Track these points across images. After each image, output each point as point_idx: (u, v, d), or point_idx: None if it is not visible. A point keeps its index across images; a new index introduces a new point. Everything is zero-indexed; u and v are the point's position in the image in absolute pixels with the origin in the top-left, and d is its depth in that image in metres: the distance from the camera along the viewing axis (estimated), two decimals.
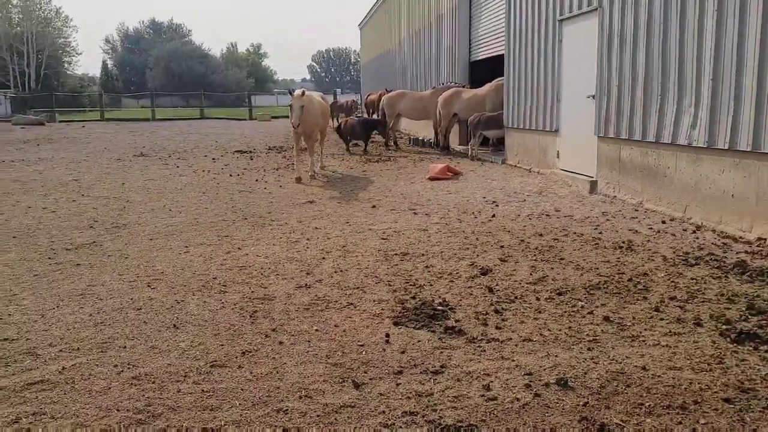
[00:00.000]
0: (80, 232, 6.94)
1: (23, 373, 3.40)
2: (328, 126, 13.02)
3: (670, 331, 3.83)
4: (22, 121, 32.66)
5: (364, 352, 3.62)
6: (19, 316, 4.27)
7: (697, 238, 6.19)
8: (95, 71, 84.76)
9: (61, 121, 36.47)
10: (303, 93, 10.49)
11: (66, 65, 65.00)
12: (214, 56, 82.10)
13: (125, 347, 3.73)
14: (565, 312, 4.21)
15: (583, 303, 4.37)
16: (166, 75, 70.88)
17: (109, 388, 3.21)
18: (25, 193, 9.81)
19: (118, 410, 2.98)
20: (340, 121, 17.17)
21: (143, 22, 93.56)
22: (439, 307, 4.32)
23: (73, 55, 66.91)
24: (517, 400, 3.02)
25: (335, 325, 4.05)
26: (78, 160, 14.66)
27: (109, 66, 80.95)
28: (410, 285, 4.87)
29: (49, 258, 5.85)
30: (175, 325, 4.08)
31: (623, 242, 6.04)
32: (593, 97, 9.09)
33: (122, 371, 3.40)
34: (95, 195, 9.56)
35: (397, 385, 3.20)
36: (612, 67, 8.57)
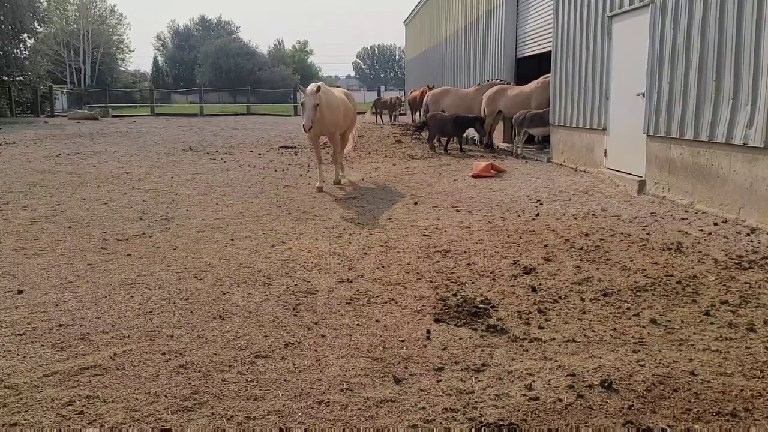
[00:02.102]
0: (131, 224, 7.17)
1: (77, 357, 3.54)
2: (355, 126, 11.55)
3: (721, 336, 3.72)
4: (78, 116, 33.95)
5: (405, 348, 3.63)
6: (73, 303, 4.45)
7: (752, 241, 5.97)
8: (146, 68, 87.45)
9: (113, 116, 37.70)
10: (318, 89, 9.09)
11: (119, 62, 67.16)
12: (261, 53, 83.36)
13: (173, 336, 3.84)
14: (611, 313, 4.13)
15: (629, 305, 4.28)
16: (214, 71, 72.40)
17: (158, 375, 3.31)
18: (80, 185, 10.18)
19: (165, 396, 3.07)
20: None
21: (193, 19, 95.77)
22: (481, 305, 4.29)
23: (126, 52, 69.09)
24: (560, 400, 2.98)
25: (376, 320, 4.07)
26: (129, 154, 15.12)
27: (159, 62, 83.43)
28: (452, 282, 4.86)
29: (102, 248, 6.06)
30: (220, 316, 4.17)
31: (672, 244, 5.88)
32: (643, 95, 8.86)
33: (170, 359, 3.50)
34: (145, 188, 9.85)
35: (438, 381, 3.20)
36: (664, 64, 8.33)
